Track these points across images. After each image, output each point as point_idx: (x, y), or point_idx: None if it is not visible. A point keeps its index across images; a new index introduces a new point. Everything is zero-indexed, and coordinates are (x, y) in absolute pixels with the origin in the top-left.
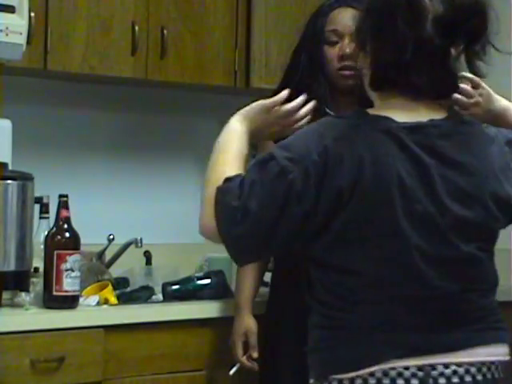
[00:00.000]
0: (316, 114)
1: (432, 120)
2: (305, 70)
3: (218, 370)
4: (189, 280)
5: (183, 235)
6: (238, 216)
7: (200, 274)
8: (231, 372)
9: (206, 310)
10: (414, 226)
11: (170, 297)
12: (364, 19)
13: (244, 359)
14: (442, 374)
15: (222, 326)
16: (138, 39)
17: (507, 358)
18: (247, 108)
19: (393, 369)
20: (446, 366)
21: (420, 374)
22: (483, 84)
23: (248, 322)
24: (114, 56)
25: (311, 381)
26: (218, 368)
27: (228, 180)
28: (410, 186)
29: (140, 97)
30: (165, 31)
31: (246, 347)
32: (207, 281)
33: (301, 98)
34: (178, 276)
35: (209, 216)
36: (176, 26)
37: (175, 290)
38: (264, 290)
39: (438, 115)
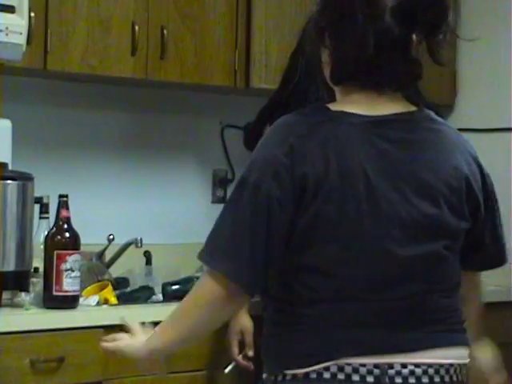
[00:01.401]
0: None
1: (398, 114)
2: (303, 73)
3: (218, 370)
4: (189, 280)
5: (183, 235)
6: (245, 266)
7: (200, 274)
8: (226, 370)
9: None
10: (379, 225)
11: (170, 297)
12: (322, 14)
13: (239, 358)
14: (398, 373)
15: (222, 326)
16: (138, 39)
17: (466, 360)
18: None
19: (348, 364)
20: (404, 365)
21: (376, 371)
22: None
23: (244, 321)
24: (114, 56)
25: (264, 375)
26: (218, 368)
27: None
28: (375, 183)
29: (140, 97)
30: (165, 31)
31: (242, 346)
32: None
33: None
34: (178, 276)
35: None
36: (176, 26)
37: (175, 290)
38: None
39: (402, 108)
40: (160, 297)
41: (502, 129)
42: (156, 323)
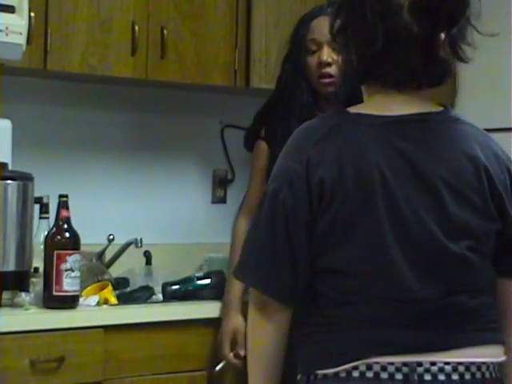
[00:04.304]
0: (302, 119)
1: (418, 114)
2: (289, 78)
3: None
4: (189, 280)
5: (183, 235)
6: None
7: (200, 274)
8: (217, 368)
9: (206, 310)
10: (399, 224)
11: (169, 297)
12: (336, 16)
13: (230, 356)
14: (427, 371)
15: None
16: (138, 39)
17: (500, 359)
18: None
19: (377, 363)
20: (433, 363)
21: (405, 369)
22: None
23: (236, 321)
24: (114, 56)
25: (298, 376)
26: None
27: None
28: (393, 184)
29: (140, 97)
30: (165, 31)
31: (234, 345)
32: (207, 281)
33: None
34: (178, 276)
35: None
36: (176, 26)
37: (175, 290)
38: None
39: (423, 108)
40: (160, 297)
41: (502, 129)
42: (156, 323)
